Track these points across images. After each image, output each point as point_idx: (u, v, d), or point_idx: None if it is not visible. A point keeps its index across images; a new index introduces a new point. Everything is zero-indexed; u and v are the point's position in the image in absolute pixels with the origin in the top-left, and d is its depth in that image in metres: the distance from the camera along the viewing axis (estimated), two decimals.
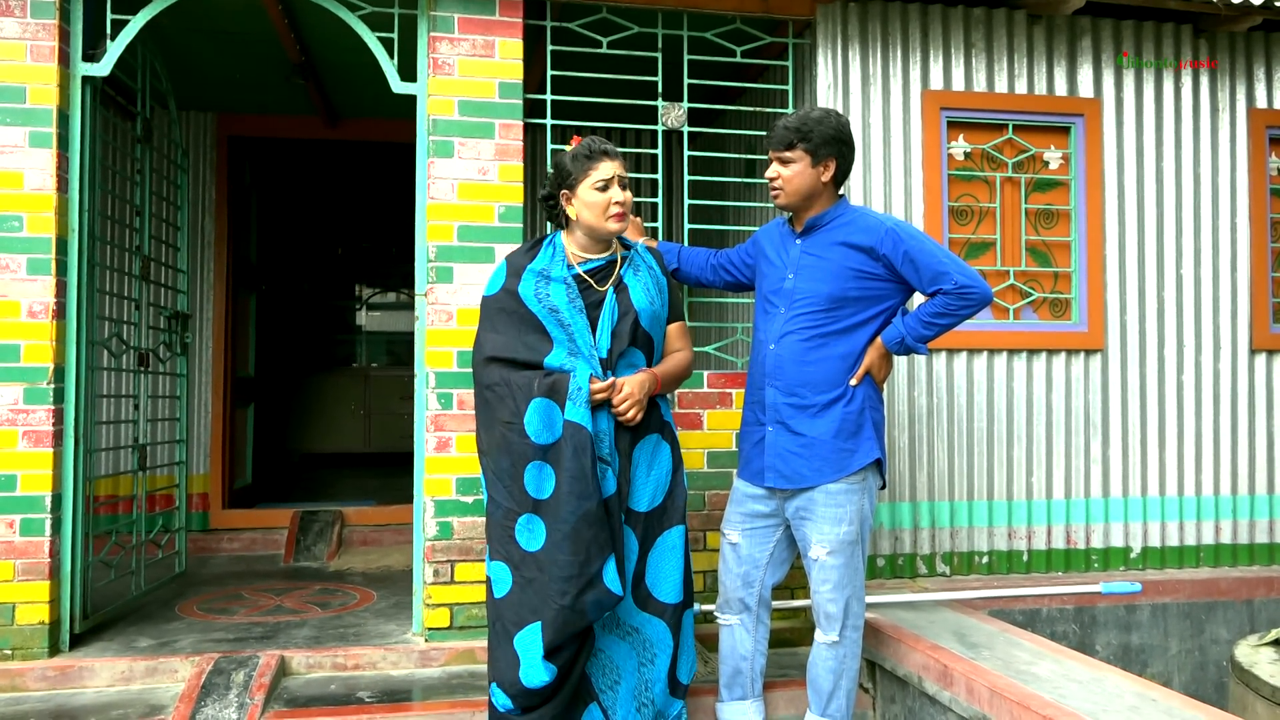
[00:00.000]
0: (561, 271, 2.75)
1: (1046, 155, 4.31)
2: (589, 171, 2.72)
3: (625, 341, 2.76)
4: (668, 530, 2.81)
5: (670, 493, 2.82)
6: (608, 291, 2.76)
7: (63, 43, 3.49)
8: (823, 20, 4.11)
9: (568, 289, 2.72)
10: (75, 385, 3.54)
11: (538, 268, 2.76)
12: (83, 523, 3.57)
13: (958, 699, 2.88)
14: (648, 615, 2.79)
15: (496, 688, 2.66)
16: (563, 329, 2.71)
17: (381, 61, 3.73)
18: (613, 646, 2.76)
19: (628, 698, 2.75)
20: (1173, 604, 4.11)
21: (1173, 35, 4.42)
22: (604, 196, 2.71)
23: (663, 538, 2.81)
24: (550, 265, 2.77)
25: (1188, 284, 4.39)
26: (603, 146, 2.75)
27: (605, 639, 2.75)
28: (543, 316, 2.71)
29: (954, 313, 2.82)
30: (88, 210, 3.61)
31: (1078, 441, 4.26)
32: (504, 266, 2.82)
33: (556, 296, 2.71)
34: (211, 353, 5.83)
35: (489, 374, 2.72)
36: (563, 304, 2.71)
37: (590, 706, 2.72)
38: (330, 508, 5.82)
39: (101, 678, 3.33)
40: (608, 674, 2.75)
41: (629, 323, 2.77)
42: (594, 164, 2.72)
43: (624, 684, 2.75)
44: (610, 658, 2.76)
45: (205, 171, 5.88)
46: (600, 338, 2.73)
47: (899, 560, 4.10)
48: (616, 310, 2.76)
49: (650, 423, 2.80)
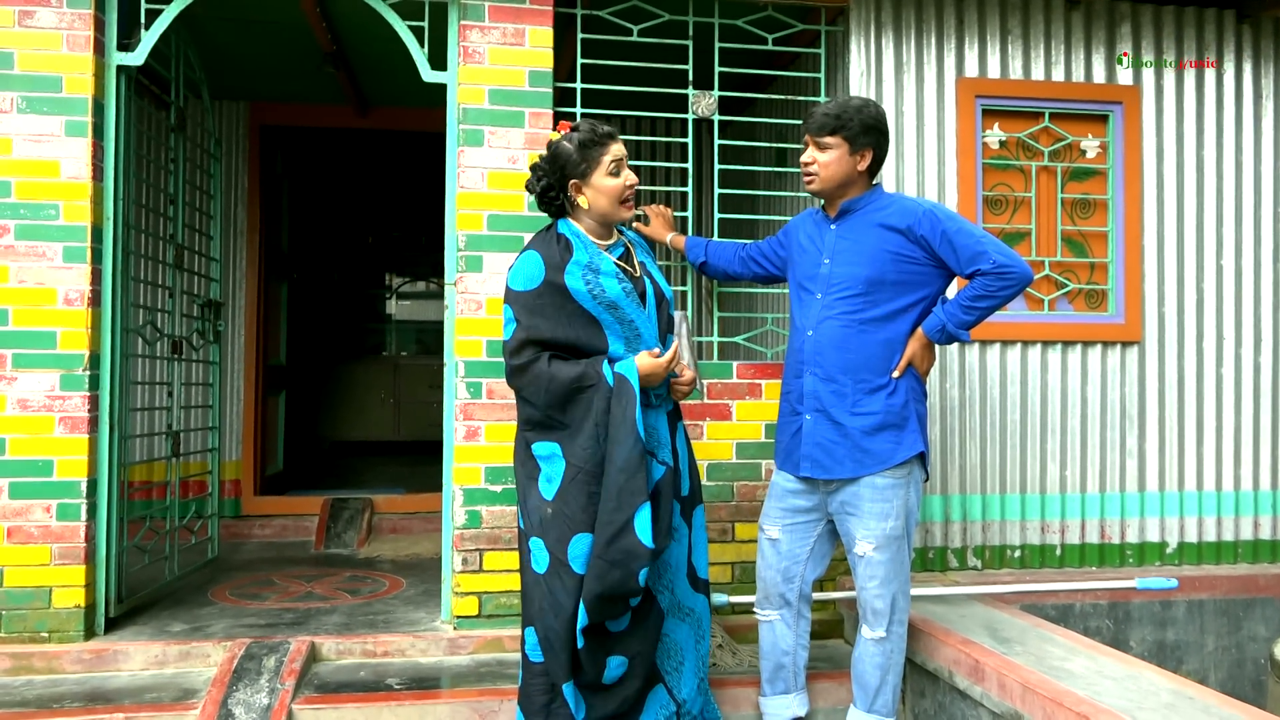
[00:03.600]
0: (608, 264, 2.70)
1: (1084, 144, 4.23)
2: (600, 157, 2.67)
3: (664, 326, 2.81)
4: (696, 509, 2.90)
5: (693, 472, 2.90)
6: (643, 279, 2.77)
7: (98, 32, 3.52)
8: (856, 7, 4.06)
9: (620, 279, 2.68)
10: (110, 372, 3.58)
11: (583, 261, 2.66)
12: (117, 508, 3.62)
13: (989, 694, 2.84)
14: (697, 594, 2.87)
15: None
16: (620, 323, 2.66)
17: (412, 50, 3.72)
18: (676, 629, 2.82)
19: (690, 676, 2.83)
20: (1209, 600, 4.04)
21: (1214, 20, 4.32)
22: (618, 180, 2.68)
23: (694, 517, 2.89)
24: (592, 258, 2.68)
25: (1228, 275, 4.31)
26: (606, 129, 2.71)
27: (669, 622, 2.80)
28: (598, 312, 2.64)
29: (994, 294, 2.76)
30: (123, 199, 3.64)
31: (1113, 435, 4.20)
32: (537, 259, 2.66)
33: (612, 290, 2.64)
34: (244, 340, 5.88)
35: (534, 362, 2.62)
36: (619, 297, 2.66)
37: (657, 688, 2.78)
38: (360, 495, 5.86)
39: (135, 661, 3.38)
40: (673, 656, 2.81)
41: (664, 309, 2.82)
42: (604, 149, 2.68)
43: (687, 664, 2.83)
44: (675, 640, 2.82)
45: (238, 160, 5.92)
46: (651, 324, 2.76)
47: (929, 553, 4.06)
48: (655, 297, 2.79)
49: (679, 407, 2.89)
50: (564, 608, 2.58)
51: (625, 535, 2.52)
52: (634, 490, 2.53)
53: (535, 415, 2.67)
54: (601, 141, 2.67)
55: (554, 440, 2.65)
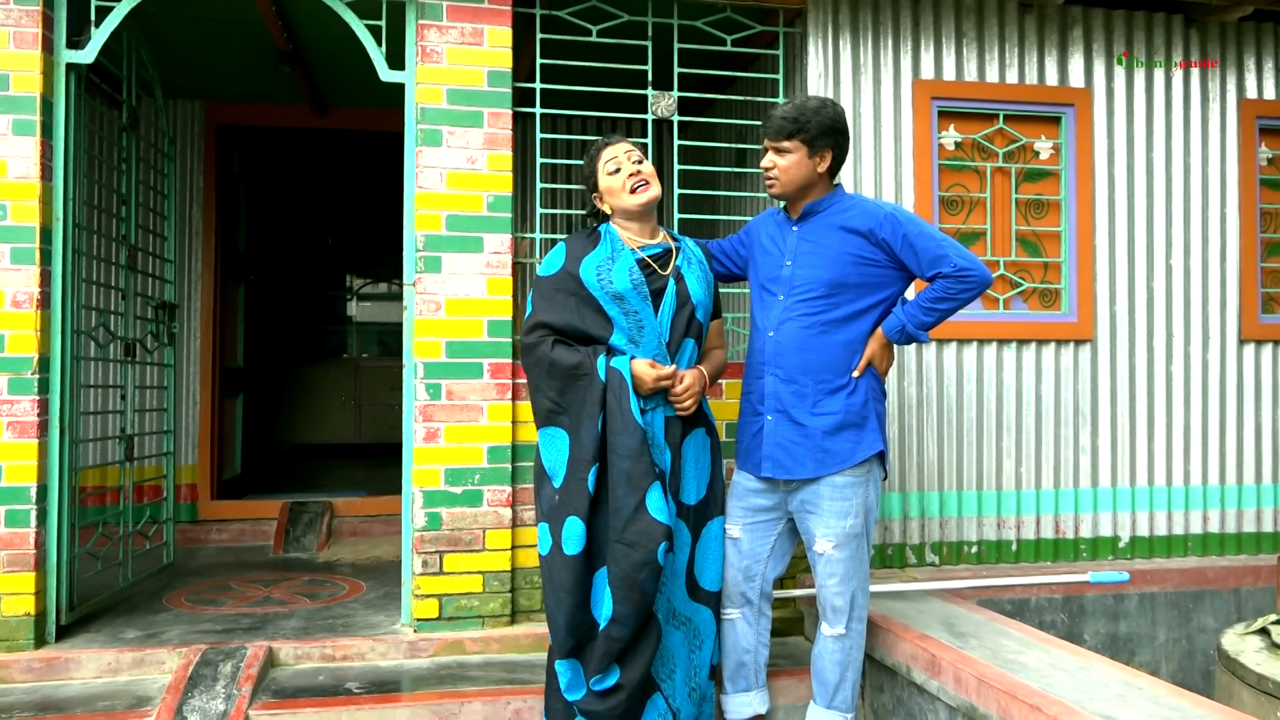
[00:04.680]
0: (626, 255, 2.80)
1: (1037, 145, 4.30)
2: (598, 163, 2.88)
3: (682, 330, 2.84)
4: (711, 521, 2.94)
5: (711, 484, 2.94)
6: (669, 279, 2.83)
7: (47, 29, 3.45)
8: (814, 9, 4.10)
9: (632, 272, 2.77)
10: (60, 375, 3.51)
11: (604, 254, 2.80)
12: (69, 514, 3.55)
13: (945, 688, 2.88)
14: (697, 604, 2.91)
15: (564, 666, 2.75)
16: (625, 315, 2.76)
17: (369, 49, 3.70)
18: (669, 637, 2.85)
19: (682, 685, 2.87)
20: (1160, 593, 4.13)
21: (1164, 25, 4.42)
22: (618, 176, 2.83)
23: (707, 528, 2.93)
24: (614, 251, 2.81)
25: (1177, 274, 4.40)
26: (605, 140, 2.91)
27: (663, 629, 2.83)
28: (604, 301, 2.76)
29: (954, 296, 2.81)
30: (73, 199, 3.58)
31: (1067, 432, 4.27)
32: (563, 249, 2.85)
33: (620, 281, 2.75)
34: (199, 343, 5.80)
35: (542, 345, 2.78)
36: (627, 288, 2.75)
37: (654, 696, 2.82)
38: (320, 499, 5.80)
39: (88, 669, 3.32)
40: (665, 663, 2.85)
41: (686, 313, 2.85)
42: (600, 154, 2.88)
43: (679, 671, 2.87)
44: (667, 647, 2.85)
45: (193, 160, 5.84)
46: (661, 323, 2.79)
47: (888, 550, 4.10)
48: (676, 299, 2.83)
49: (697, 416, 2.90)
50: (561, 587, 2.70)
51: (640, 517, 2.64)
52: (642, 474, 2.66)
53: (544, 404, 2.78)
54: (597, 152, 2.89)
55: (560, 428, 2.78)
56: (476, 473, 3.62)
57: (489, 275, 3.66)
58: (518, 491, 3.64)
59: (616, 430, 2.68)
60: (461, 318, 3.63)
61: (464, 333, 3.63)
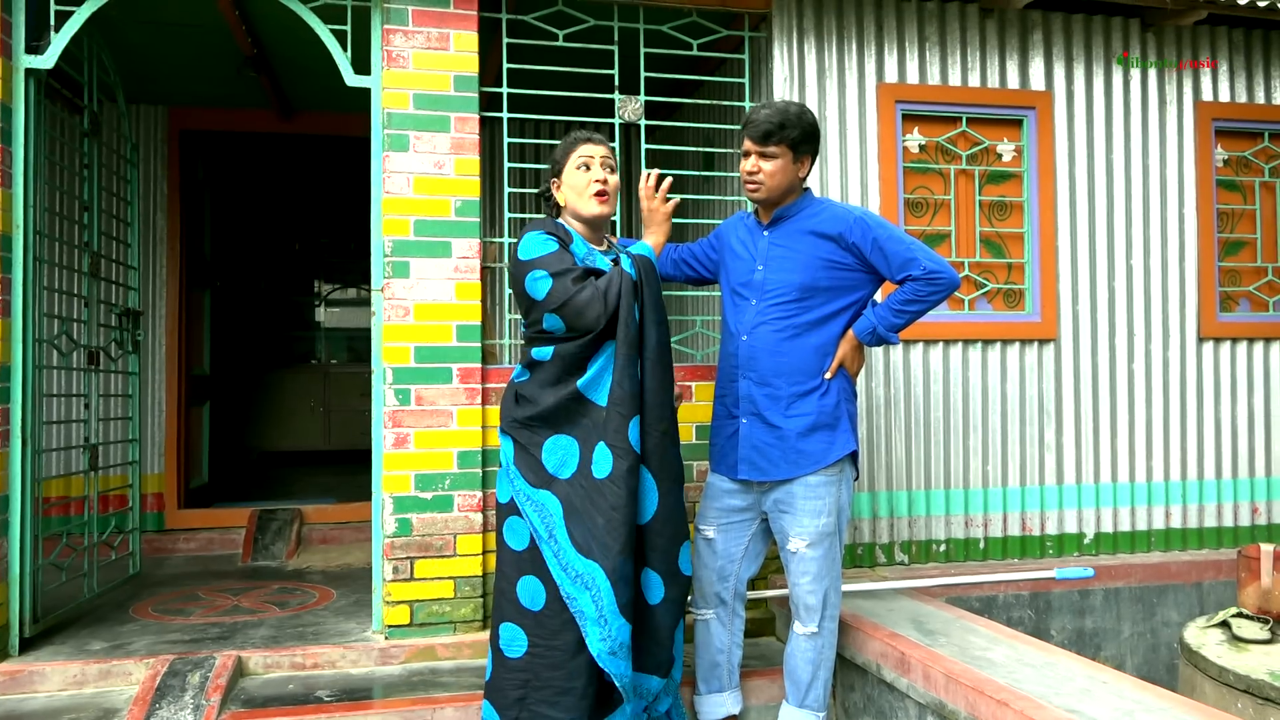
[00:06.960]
0: (598, 258, 2.76)
1: (1000, 148, 4.36)
2: (570, 153, 2.80)
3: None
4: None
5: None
6: None
7: (5, 34, 3.41)
8: (778, 13, 4.13)
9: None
10: (21, 384, 3.46)
11: (580, 253, 2.75)
12: (32, 524, 3.50)
13: (915, 685, 2.91)
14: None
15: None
16: None
17: (335, 54, 3.68)
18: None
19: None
20: (1125, 588, 4.19)
21: (1121, 28, 4.49)
22: (586, 175, 2.77)
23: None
24: (590, 251, 2.77)
25: (1137, 274, 4.47)
26: (587, 134, 2.85)
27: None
28: None
29: (924, 299, 2.84)
30: (33, 206, 3.53)
31: (1032, 430, 4.33)
32: (543, 234, 2.72)
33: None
34: (165, 350, 5.74)
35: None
36: None
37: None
38: (289, 506, 5.75)
39: (52, 682, 3.27)
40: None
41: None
42: (576, 146, 2.80)
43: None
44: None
45: (156, 166, 5.77)
46: None
47: (858, 549, 4.13)
48: None
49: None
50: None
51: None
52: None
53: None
54: (576, 141, 2.80)
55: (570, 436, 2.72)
56: (447, 478, 3.61)
57: (457, 280, 3.65)
58: (488, 496, 3.63)
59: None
60: (430, 323, 3.62)
61: (433, 338, 3.62)
